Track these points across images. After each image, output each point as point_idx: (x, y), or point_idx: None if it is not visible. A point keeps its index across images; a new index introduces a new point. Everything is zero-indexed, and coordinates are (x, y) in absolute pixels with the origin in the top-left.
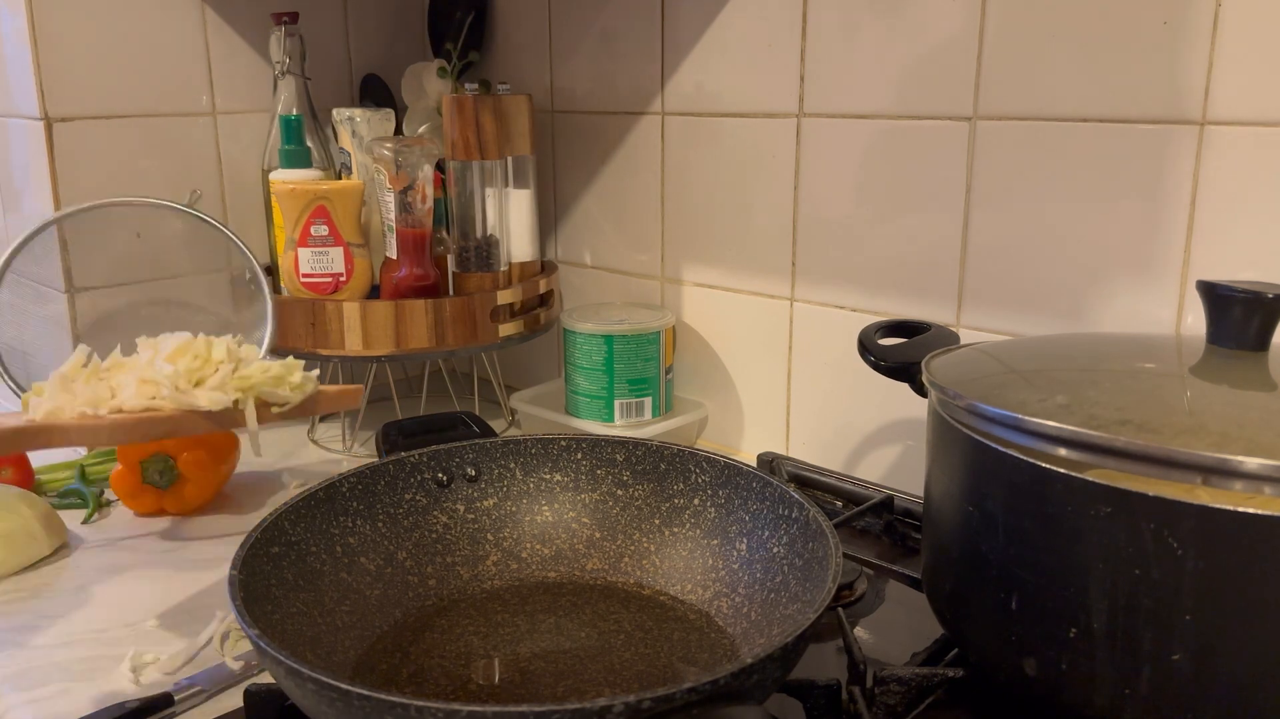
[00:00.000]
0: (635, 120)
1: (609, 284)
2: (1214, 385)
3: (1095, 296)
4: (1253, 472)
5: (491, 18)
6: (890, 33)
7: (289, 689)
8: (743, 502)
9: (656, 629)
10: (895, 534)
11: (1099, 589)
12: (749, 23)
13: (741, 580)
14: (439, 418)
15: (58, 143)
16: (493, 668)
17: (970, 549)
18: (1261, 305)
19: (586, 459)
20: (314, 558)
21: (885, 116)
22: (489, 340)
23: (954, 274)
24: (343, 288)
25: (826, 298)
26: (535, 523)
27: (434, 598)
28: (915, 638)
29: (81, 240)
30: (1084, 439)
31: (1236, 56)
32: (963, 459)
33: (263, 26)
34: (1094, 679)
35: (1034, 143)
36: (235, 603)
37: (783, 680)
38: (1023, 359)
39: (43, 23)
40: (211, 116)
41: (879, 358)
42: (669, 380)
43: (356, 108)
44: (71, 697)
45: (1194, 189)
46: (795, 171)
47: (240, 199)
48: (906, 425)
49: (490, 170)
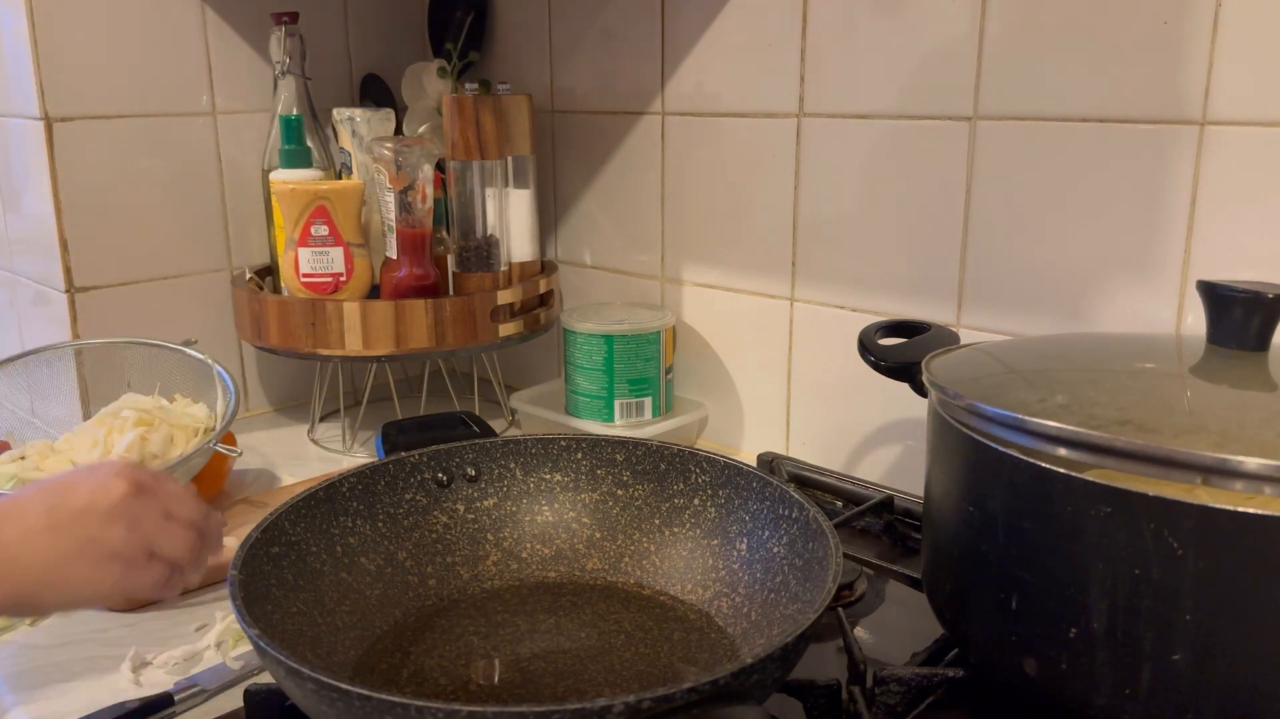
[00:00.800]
0: (635, 120)
1: (609, 284)
2: (1214, 385)
3: (1095, 296)
4: (1253, 472)
5: (491, 18)
6: (890, 33)
7: (289, 689)
8: (743, 502)
9: (657, 629)
10: (895, 534)
11: (1099, 589)
12: (749, 22)
13: (742, 580)
14: (439, 418)
15: (58, 143)
16: (493, 668)
17: (970, 549)
18: (1261, 305)
19: (586, 459)
20: (314, 558)
21: (886, 116)
22: (489, 340)
23: (954, 274)
24: (343, 288)
25: (826, 298)
26: (535, 523)
27: (434, 598)
28: (915, 638)
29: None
30: (1084, 439)
31: (1236, 56)
32: (963, 459)
33: (263, 26)
34: (1094, 679)
35: (1034, 143)
36: (235, 603)
37: (783, 680)
38: (1023, 359)
39: (43, 23)
40: (211, 116)
41: (879, 358)
42: (669, 380)
43: (356, 108)
44: (71, 697)
45: (1194, 189)
46: (795, 171)
47: (240, 199)
48: (906, 425)
49: (490, 170)
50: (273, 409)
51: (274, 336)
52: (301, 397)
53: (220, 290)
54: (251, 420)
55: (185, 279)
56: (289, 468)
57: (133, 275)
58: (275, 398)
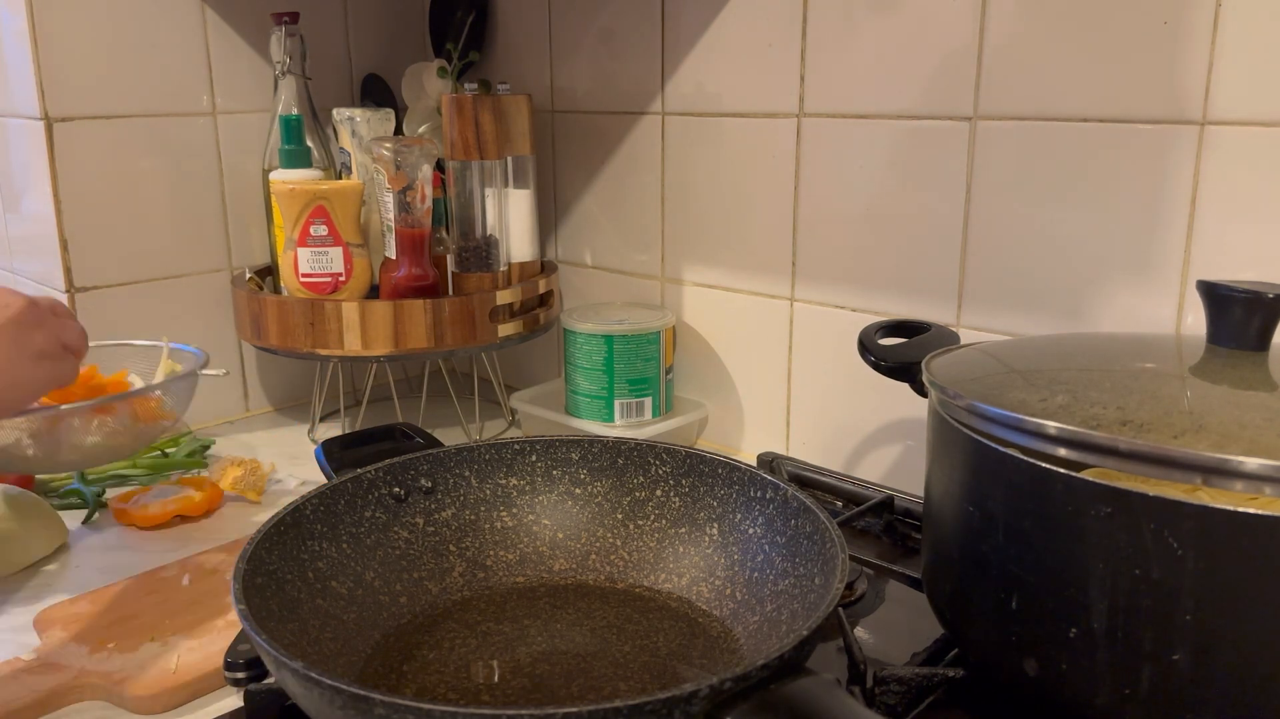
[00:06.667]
0: (635, 120)
1: (609, 284)
2: (1214, 385)
3: (1095, 296)
4: (1253, 472)
5: (491, 18)
6: (891, 33)
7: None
8: (709, 488)
9: (644, 621)
10: (895, 534)
11: (1099, 589)
12: (749, 23)
13: (718, 564)
14: (378, 431)
15: (58, 143)
16: (498, 677)
17: (970, 549)
18: (1261, 305)
19: (541, 461)
20: (291, 586)
21: (886, 116)
22: (488, 340)
23: (954, 274)
24: (342, 288)
25: (826, 298)
26: (496, 529)
27: (408, 615)
28: (915, 638)
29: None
30: (1084, 439)
31: (1236, 56)
32: (963, 459)
33: (263, 26)
34: (1094, 679)
35: (1034, 143)
36: (259, 638)
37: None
38: (1023, 359)
39: (43, 23)
40: (211, 116)
41: (879, 358)
42: (669, 380)
43: (356, 108)
44: None
45: (1194, 189)
46: (795, 171)
47: (240, 199)
48: (906, 425)
49: (490, 170)
50: (273, 409)
51: (274, 336)
52: (302, 396)
53: (220, 290)
54: (252, 420)
55: (185, 279)
56: (289, 468)
57: (133, 275)
58: (275, 398)
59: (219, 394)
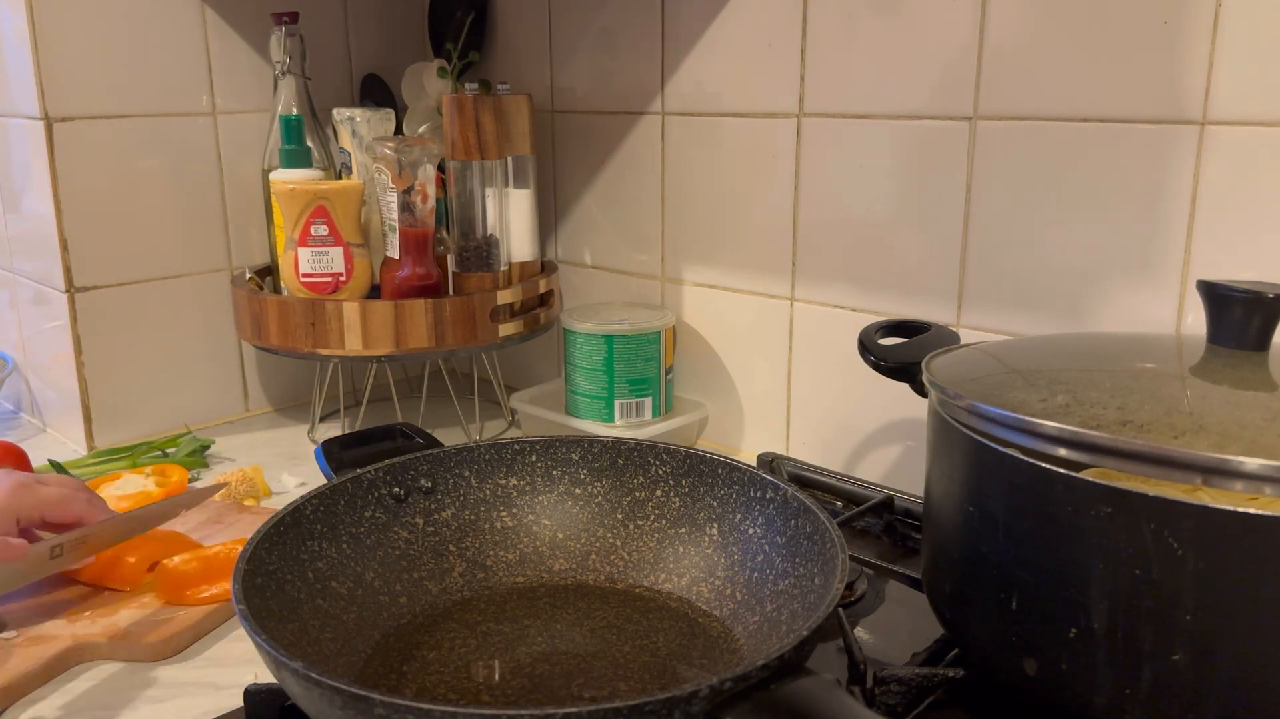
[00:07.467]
0: (635, 120)
1: (609, 284)
2: (1214, 385)
3: (1095, 296)
4: (1253, 472)
5: (491, 18)
6: (891, 33)
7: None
8: (709, 488)
9: (644, 621)
10: (895, 534)
11: (1099, 589)
12: (749, 22)
13: (718, 564)
14: (378, 431)
15: (58, 143)
16: (498, 677)
17: (970, 549)
18: (1261, 305)
19: (541, 461)
20: (291, 586)
21: (886, 116)
22: (489, 340)
23: (954, 274)
24: (342, 288)
25: (826, 298)
26: (496, 529)
27: (408, 615)
28: (915, 638)
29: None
30: (1084, 439)
31: (1236, 56)
32: (963, 459)
33: (263, 26)
34: (1094, 679)
35: (1034, 143)
36: (258, 639)
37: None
38: (1023, 359)
39: (43, 23)
40: (211, 116)
41: (879, 358)
42: (669, 380)
43: (356, 108)
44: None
45: (1194, 189)
46: (795, 172)
47: (240, 199)
48: (906, 425)
49: (490, 170)
50: (273, 409)
51: (274, 336)
52: (302, 396)
53: (220, 290)
54: (252, 420)
55: (185, 279)
56: (289, 468)
57: (133, 275)
58: (275, 398)
59: (219, 394)
